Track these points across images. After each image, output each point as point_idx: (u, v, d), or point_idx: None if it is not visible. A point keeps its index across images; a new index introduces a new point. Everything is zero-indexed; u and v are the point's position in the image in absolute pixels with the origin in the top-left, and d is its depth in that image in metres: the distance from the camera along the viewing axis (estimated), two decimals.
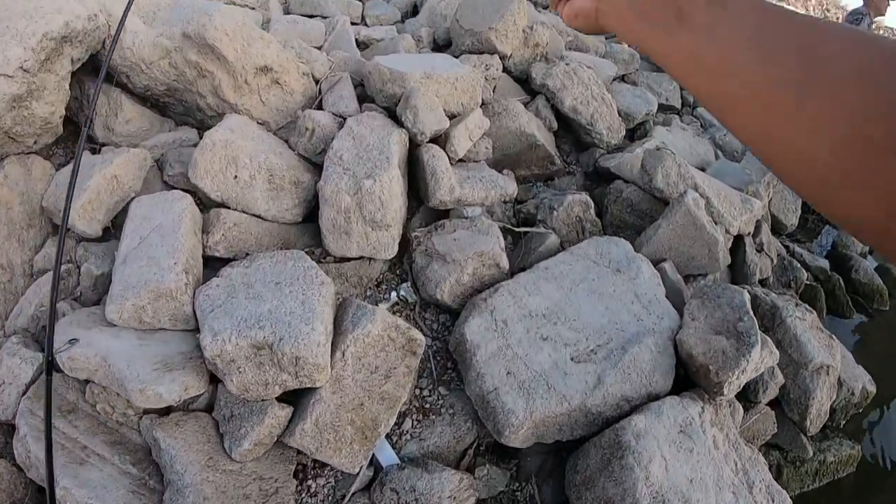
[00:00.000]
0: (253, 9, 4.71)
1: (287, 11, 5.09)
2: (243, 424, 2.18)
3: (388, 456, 2.42)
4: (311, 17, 4.93)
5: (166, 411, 2.28)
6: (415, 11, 5.74)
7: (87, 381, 2.24)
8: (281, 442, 2.28)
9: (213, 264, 2.63)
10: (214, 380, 2.29)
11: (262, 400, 2.22)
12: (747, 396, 3.13)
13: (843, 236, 5.54)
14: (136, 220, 2.50)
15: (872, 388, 3.71)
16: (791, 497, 2.76)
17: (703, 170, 4.19)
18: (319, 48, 4.26)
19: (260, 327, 2.14)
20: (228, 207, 2.74)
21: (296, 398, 2.35)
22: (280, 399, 2.27)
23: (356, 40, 4.53)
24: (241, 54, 3.03)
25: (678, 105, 5.62)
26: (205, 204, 2.82)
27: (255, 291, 2.31)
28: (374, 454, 2.42)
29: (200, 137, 2.93)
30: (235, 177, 2.72)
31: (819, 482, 3.46)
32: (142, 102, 3.13)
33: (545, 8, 6.24)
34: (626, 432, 2.38)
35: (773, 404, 3.32)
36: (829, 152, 0.43)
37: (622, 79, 5.39)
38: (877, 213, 0.42)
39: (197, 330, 2.26)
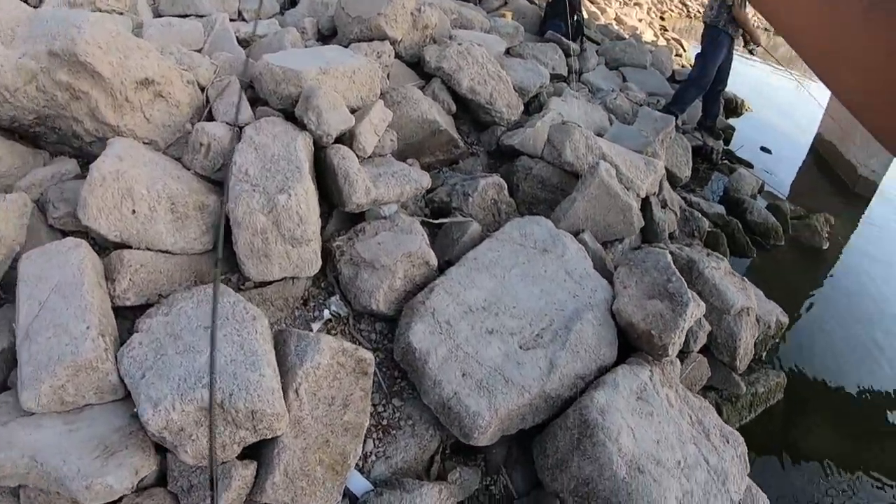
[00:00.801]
0: (121, 13, 4.26)
1: (157, 14, 4.66)
2: (207, 494, 1.97)
3: (360, 485, 2.30)
4: (184, 17, 4.57)
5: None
6: (293, 2, 5.46)
7: (20, 487, 1.91)
8: (252, 500, 2.07)
9: (123, 313, 2.36)
10: (161, 448, 2.03)
11: (223, 463, 2.01)
12: (681, 348, 3.23)
13: (733, 181, 5.85)
14: (29, 283, 2.15)
15: (785, 319, 3.94)
16: None
17: (600, 135, 4.25)
18: (199, 51, 3.92)
19: (203, 385, 1.92)
20: (130, 247, 2.42)
21: (256, 450, 2.14)
22: (240, 456, 2.06)
23: (237, 38, 4.23)
24: (119, 68, 2.69)
25: (565, 73, 5.69)
26: (102, 246, 2.52)
27: (185, 342, 2.07)
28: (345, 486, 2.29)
29: (81, 168, 2.62)
30: (133, 211, 2.41)
31: (754, 413, 3.66)
32: (9, 136, 2.74)
33: None
34: (591, 410, 2.38)
35: (703, 351, 3.45)
36: None
37: (507, 52, 5.37)
38: None
39: (128, 397, 2.00)
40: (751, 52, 6.84)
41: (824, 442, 3.80)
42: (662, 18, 18.08)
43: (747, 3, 5.89)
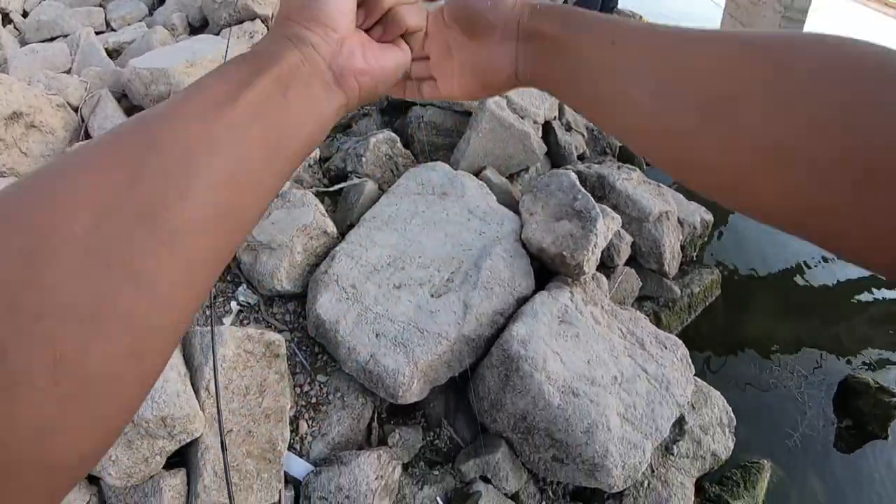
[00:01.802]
0: None
1: (24, 42, 4.46)
2: None
3: (299, 468, 2.22)
4: (52, 40, 4.36)
5: None
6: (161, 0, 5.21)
7: None
8: None
9: None
10: (93, 478, 1.95)
11: (151, 477, 1.92)
12: (605, 264, 3.20)
13: None
14: None
15: (709, 217, 3.94)
16: (676, 335, 2.88)
17: None
18: (69, 72, 3.77)
19: None
20: None
21: (182, 457, 2.06)
22: (167, 466, 1.97)
23: (106, 50, 4.06)
24: None
25: None
26: None
27: None
28: (285, 472, 2.21)
29: None
30: None
31: (694, 313, 3.67)
32: None
33: None
34: (512, 344, 2.33)
35: (630, 262, 3.43)
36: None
37: None
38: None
39: None
40: None
41: (767, 326, 3.87)
42: None
43: None
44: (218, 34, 3.84)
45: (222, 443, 1.99)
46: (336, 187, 3.04)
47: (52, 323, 0.30)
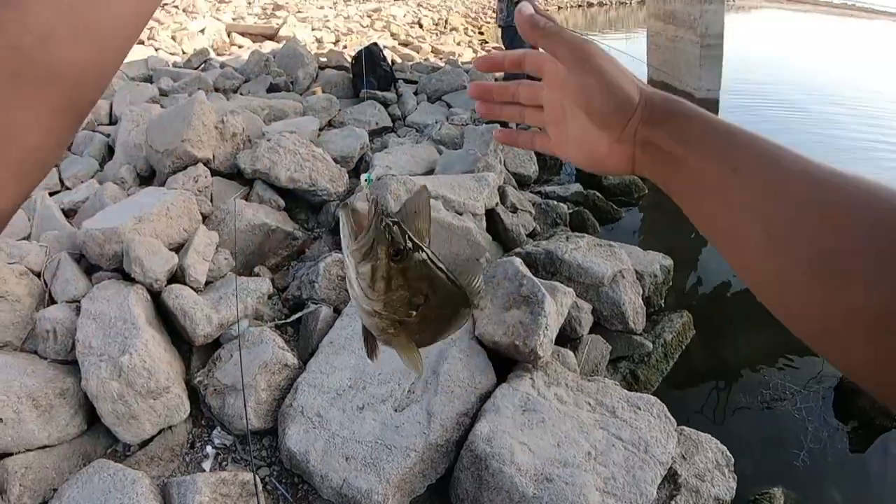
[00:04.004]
0: None
1: None
2: None
3: None
4: None
5: None
6: (111, 151, 5.41)
7: None
8: None
9: None
10: None
11: None
12: (569, 337, 3.28)
13: None
14: None
15: (668, 262, 4.03)
16: (658, 388, 2.88)
17: (432, 171, 4.35)
18: (28, 238, 3.91)
19: None
20: (11, 454, 2.48)
21: None
22: None
23: (63, 210, 4.20)
24: None
25: (390, 123, 5.82)
26: None
27: None
28: None
29: None
30: (0, 419, 2.45)
31: (672, 361, 3.65)
32: None
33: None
34: (478, 443, 2.39)
35: (596, 329, 3.51)
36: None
37: (330, 124, 5.47)
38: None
39: None
40: None
41: (748, 351, 3.85)
42: (482, 33, 18.51)
43: None
44: (164, 182, 4.02)
45: None
46: (293, 318, 3.15)
47: None
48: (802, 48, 15.73)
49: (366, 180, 0.82)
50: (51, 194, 4.59)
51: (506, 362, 2.87)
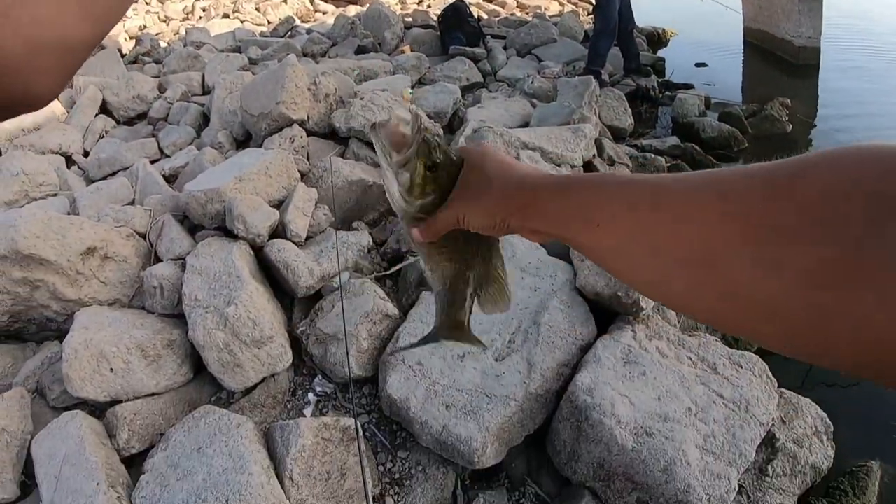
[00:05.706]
0: (55, 195, 4.50)
1: (89, 180, 4.90)
2: None
3: None
4: (113, 174, 4.79)
5: None
6: (206, 119, 5.64)
7: None
8: None
9: (136, 461, 2.50)
10: None
11: None
12: None
13: (676, 108, 5.83)
14: (43, 463, 2.35)
15: None
16: (758, 348, 2.76)
17: (527, 124, 4.29)
18: (132, 203, 4.13)
19: (203, 501, 2.05)
20: (121, 401, 2.62)
21: None
22: None
23: (163, 176, 4.41)
24: (61, 248, 2.89)
25: (480, 79, 5.76)
26: (100, 408, 2.68)
27: (184, 468, 2.21)
28: None
29: None
30: (111, 370, 2.60)
31: None
32: None
33: None
34: (578, 394, 2.38)
35: None
36: None
37: (420, 82, 5.47)
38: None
39: None
40: None
41: None
42: None
43: None
44: (261, 145, 4.13)
45: None
46: (392, 270, 3.20)
47: None
48: None
49: (410, 91, 0.85)
50: (152, 162, 4.81)
51: (606, 314, 2.83)
